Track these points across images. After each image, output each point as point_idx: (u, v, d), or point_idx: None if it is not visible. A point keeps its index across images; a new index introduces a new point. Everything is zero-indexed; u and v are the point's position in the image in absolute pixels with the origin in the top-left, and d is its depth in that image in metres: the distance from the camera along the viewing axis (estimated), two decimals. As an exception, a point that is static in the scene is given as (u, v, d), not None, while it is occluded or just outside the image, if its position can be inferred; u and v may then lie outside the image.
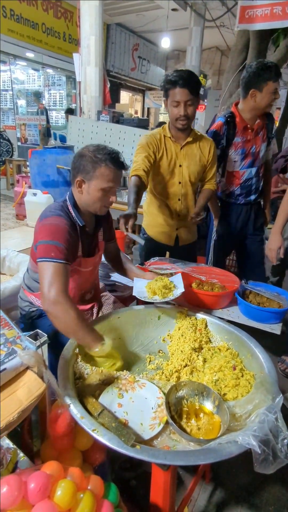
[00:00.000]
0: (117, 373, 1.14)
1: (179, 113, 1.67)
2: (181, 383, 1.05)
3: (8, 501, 0.71)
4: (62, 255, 1.18)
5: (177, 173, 1.85)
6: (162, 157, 1.82)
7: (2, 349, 0.90)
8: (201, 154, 1.84)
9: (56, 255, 1.17)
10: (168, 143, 1.82)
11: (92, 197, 1.31)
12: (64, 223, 1.26)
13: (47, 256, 1.17)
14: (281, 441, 0.82)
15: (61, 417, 0.92)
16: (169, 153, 1.82)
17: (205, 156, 1.85)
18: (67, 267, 1.20)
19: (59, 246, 1.19)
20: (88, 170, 1.27)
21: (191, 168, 1.84)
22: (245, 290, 1.54)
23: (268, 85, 1.80)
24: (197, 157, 1.83)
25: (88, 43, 5.16)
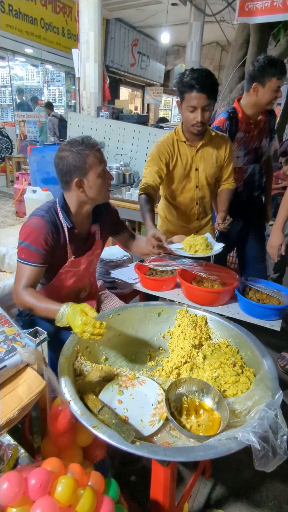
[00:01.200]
0: (118, 370, 1.14)
1: (196, 119, 1.58)
2: (181, 380, 1.05)
3: (9, 497, 0.72)
4: (33, 258, 1.25)
5: (193, 177, 1.77)
6: (176, 164, 1.73)
7: (2, 346, 0.90)
8: (217, 154, 1.76)
9: (26, 257, 1.25)
10: (182, 148, 1.73)
11: (96, 188, 1.31)
12: (43, 225, 1.27)
13: (19, 257, 1.26)
14: (280, 437, 0.82)
15: (61, 414, 0.92)
16: (183, 158, 1.74)
17: (221, 155, 1.77)
18: (37, 269, 1.26)
19: (31, 249, 1.25)
20: (81, 166, 1.27)
21: (207, 170, 1.77)
22: (245, 286, 1.54)
23: (271, 81, 1.78)
24: (213, 158, 1.76)
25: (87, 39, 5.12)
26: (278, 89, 1.82)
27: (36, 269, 1.25)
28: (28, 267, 1.24)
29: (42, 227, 1.26)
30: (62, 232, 1.33)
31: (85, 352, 1.18)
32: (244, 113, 1.96)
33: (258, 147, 2.03)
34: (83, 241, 1.44)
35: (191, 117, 1.59)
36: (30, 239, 1.25)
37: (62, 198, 1.36)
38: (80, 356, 1.13)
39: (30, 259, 1.24)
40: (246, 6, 3.16)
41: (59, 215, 1.33)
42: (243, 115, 1.96)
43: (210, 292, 1.47)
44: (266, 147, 2.07)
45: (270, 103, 1.88)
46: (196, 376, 1.12)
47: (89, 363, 1.12)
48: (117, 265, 1.94)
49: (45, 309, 1.16)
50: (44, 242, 1.26)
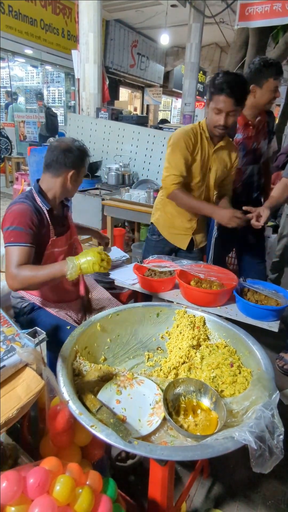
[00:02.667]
0: (116, 370, 1.15)
1: (219, 122, 1.59)
2: (179, 380, 1.05)
3: (7, 496, 0.72)
4: (22, 239, 1.28)
5: (206, 176, 1.78)
6: (197, 156, 1.72)
7: (1, 346, 0.91)
8: (228, 160, 1.79)
9: (15, 239, 1.27)
10: (205, 143, 1.72)
11: (77, 185, 1.51)
12: (27, 208, 1.35)
13: (8, 241, 1.27)
14: (277, 437, 0.83)
15: (60, 414, 0.93)
16: (203, 153, 1.72)
17: (231, 163, 1.81)
18: (27, 249, 1.28)
19: (19, 230, 1.28)
20: (81, 164, 1.46)
21: (218, 173, 1.78)
22: (243, 287, 1.55)
23: (268, 82, 1.80)
24: (225, 162, 1.79)
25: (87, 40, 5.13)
26: (276, 89, 1.83)
27: (26, 249, 1.28)
28: (18, 248, 1.26)
29: (26, 210, 1.34)
30: (43, 214, 1.42)
31: (83, 352, 1.18)
32: (243, 114, 1.97)
33: (256, 148, 2.04)
34: (61, 223, 1.56)
35: (215, 118, 1.60)
36: (17, 221, 1.30)
37: (37, 185, 1.46)
38: (79, 356, 1.14)
39: (19, 240, 1.27)
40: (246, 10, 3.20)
41: (37, 200, 1.42)
42: (242, 116, 1.97)
43: (208, 293, 1.47)
44: (265, 148, 2.08)
45: (269, 103, 1.89)
46: (194, 376, 1.13)
47: (87, 363, 1.12)
48: (115, 265, 1.95)
49: (48, 272, 1.19)
50: (30, 223, 1.32)
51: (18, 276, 1.21)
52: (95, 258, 1.16)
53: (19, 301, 1.52)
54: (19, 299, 1.52)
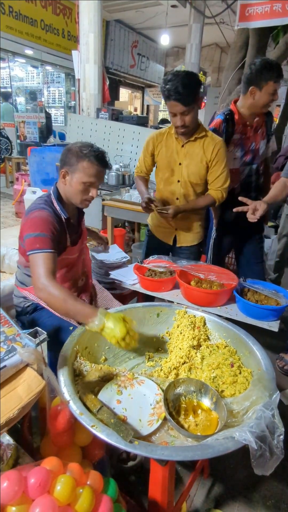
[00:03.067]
0: (117, 370, 1.15)
1: (176, 123, 1.68)
2: (179, 380, 1.06)
3: (8, 496, 0.72)
4: (47, 245, 1.25)
5: (177, 171, 1.84)
6: (160, 152, 1.85)
7: (2, 346, 0.91)
8: (203, 154, 1.78)
9: (41, 246, 1.24)
10: (170, 139, 1.83)
11: (73, 189, 1.38)
12: (48, 215, 1.33)
13: (33, 248, 1.24)
14: (277, 437, 0.83)
15: (60, 414, 0.93)
16: (168, 149, 1.83)
17: (207, 155, 1.77)
18: (52, 255, 1.25)
19: (43, 236, 1.26)
20: (72, 163, 1.35)
21: (190, 167, 1.80)
22: (243, 287, 1.55)
23: (268, 84, 1.80)
24: (198, 156, 1.78)
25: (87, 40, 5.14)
26: (275, 92, 1.83)
27: (53, 255, 1.25)
28: (46, 255, 1.22)
29: (48, 217, 1.32)
30: (61, 222, 1.39)
31: (84, 353, 1.19)
32: (241, 115, 1.97)
33: (255, 148, 2.04)
34: (75, 231, 1.52)
35: (173, 121, 1.71)
36: (40, 228, 1.27)
37: (56, 190, 1.43)
38: (80, 356, 1.14)
39: (46, 247, 1.24)
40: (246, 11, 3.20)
41: (56, 207, 1.40)
42: (240, 117, 1.97)
43: (208, 293, 1.47)
44: (264, 148, 2.08)
45: (267, 105, 1.90)
46: (195, 376, 1.13)
47: (88, 363, 1.13)
48: (116, 266, 1.95)
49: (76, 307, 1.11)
50: (53, 229, 1.31)
51: (47, 290, 1.14)
52: (120, 334, 1.05)
53: (22, 300, 1.51)
54: (22, 298, 1.52)
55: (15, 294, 1.57)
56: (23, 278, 1.50)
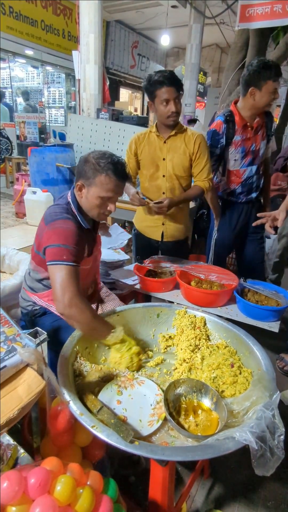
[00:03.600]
0: (117, 370, 1.15)
1: (171, 110, 1.71)
2: (179, 380, 1.06)
3: (8, 496, 0.72)
4: (73, 258, 1.19)
5: (161, 166, 1.87)
6: (143, 151, 1.89)
7: (2, 346, 0.91)
8: (185, 147, 1.84)
9: (68, 258, 1.18)
10: (152, 137, 1.88)
11: (90, 203, 1.32)
12: (73, 226, 1.27)
13: (59, 259, 1.17)
14: (277, 437, 0.83)
15: (61, 414, 0.93)
16: (151, 147, 1.87)
17: (189, 148, 1.83)
18: (78, 269, 1.21)
19: (70, 249, 1.20)
20: (89, 176, 1.28)
21: (174, 160, 1.85)
22: (243, 288, 1.55)
23: (267, 84, 1.80)
24: (181, 149, 1.84)
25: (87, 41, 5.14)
26: (275, 91, 1.83)
27: (77, 270, 1.20)
28: (72, 268, 1.17)
29: (73, 228, 1.27)
30: (82, 232, 1.34)
31: (84, 353, 1.19)
32: (241, 116, 1.97)
33: (255, 149, 2.05)
34: (94, 241, 1.49)
35: (166, 110, 1.73)
36: (66, 240, 1.22)
37: (75, 200, 1.36)
38: (80, 356, 1.14)
39: (72, 260, 1.19)
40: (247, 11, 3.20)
41: (77, 217, 1.34)
42: (240, 118, 1.97)
43: (209, 293, 1.47)
44: (264, 149, 2.08)
45: (268, 105, 1.90)
46: (195, 376, 1.13)
47: (88, 363, 1.13)
48: (116, 266, 1.95)
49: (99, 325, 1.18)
50: (77, 242, 1.25)
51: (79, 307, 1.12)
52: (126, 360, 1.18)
53: (30, 304, 1.48)
54: (30, 302, 1.49)
55: (23, 297, 1.53)
56: (34, 285, 1.47)
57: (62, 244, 1.20)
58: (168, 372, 1.20)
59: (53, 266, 1.17)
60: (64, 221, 1.27)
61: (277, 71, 1.79)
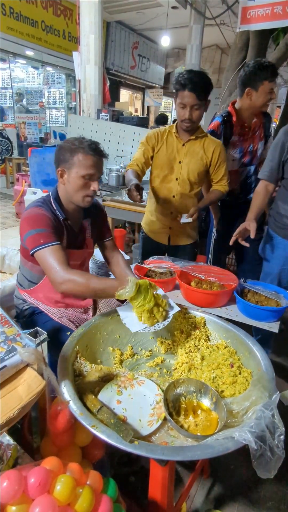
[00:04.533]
0: (117, 370, 1.15)
1: (184, 116, 1.69)
2: (179, 380, 1.06)
3: (8, 495, 0.72)
4: (51, 238, 1.22)
5: (176, 169, 1.85)
6: (161, 149, 1.85)
7: (2, 346, 0.91)
8: (203, 153, 1.82)
9: (45, 241, 1.21)
10: (171, 138, 1.84)
11: (73, 186, 1.32)
12: (44, 212, 1.31)
13: (38, 245, 1.21)
14: (277, 437, 0.83)
15: (60, 414, 0.93)
16: (169, 147, 1.84)
17: (208, 156, 1.82)
18: (60, 247, 1.23)
19: (45, 231, 1.24)
20: (67, 159, 1.30)
21: (190, 166, 1.83)
22: (243, 288, 1.55)
23: (264, 84, 1.81)
24: (198, 155, 1.82)
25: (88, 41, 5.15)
26: (271, 91, 1.84)
27: (60, 247, 1.22)
28: (53, 248, 1.20)
29: (44, 213, 1.30)
30: (59, 222, 1.36)
31: (84, 353, 1.19)
32: (239, 116, 1.98)
33: (253, 149, 2.05)
34: (75, 235, 1.47)
35: (181, 113, 1.71)
36: (39, 224, 1.25)
37: (55, 190, 1.40)
38: (80, 356, 1.14)
39: (50, 240, 1.22)
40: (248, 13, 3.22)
41: (53, 206, 1.37)
42: (238, 118, 1.98)
43: (208, 294, 1.47)
44: (262, 149, 2.09)
45: (265, 105, 1.91)
46: (194, 376, 1.13)
47: (88, 363, 1.13)
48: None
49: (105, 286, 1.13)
50: (51, 224, 1.28)
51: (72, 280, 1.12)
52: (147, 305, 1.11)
53: (21, 302, 1.51)
54: (21, 300, 1.51)
55: (15, 295, 1.56)
56: (22, 280, 1.49)
57: (35, 229, 1.24)
58: (168, 372, 1.21)
59: (37, 253, 1.21)
60: (35, 208, 1.31)
61: (273, 72, 1.80)
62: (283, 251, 1.79)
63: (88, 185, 1.33)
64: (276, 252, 1.82)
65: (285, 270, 1.83)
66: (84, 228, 1.52)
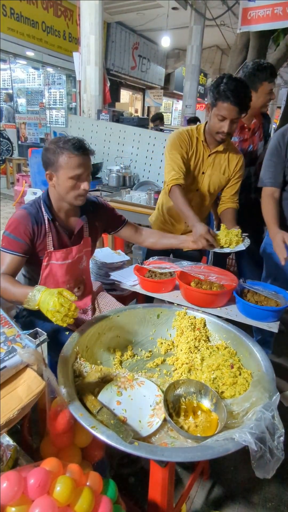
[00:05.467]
0: (117, 371, 1.15)
1: (222, 129, 1.58)
2: (179, 381, 1.06)
3: (8, 496, 0.72)
4: (12, 247, 1.30)
5: (198, 179, 1.77)
6: (191, 156, 1.73)
7: (2, 347, 0.91)
8: (226, 166, 1.75)
9: (5, 246, 1.30)
10: (200, 147, 1.73)
11: (63, 188, 1.32)
12: (24, 216, 1.34)
13: (2, 247, 1.30)
14: (277, 438, 0.83)
15: (60, 415, 0.93)
16: (197, 156, 1.73)
17: (230, 169, 1.76)
18: (15, 258, 1.30)
19: (12, 238, 1.31)
20: (53, 161, 1.29)
21: (213, 178, 1.76)
22: (243, 288, 1.55)
23: (263, 85, 1.81)
24: (222, 168, 1.75)
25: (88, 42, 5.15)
26: (271, 91, 1.84)
27: (15, 258, 1.30)
28: (7, 255, 1.29)
29: (24, 218, 1.33)
30: (43, 224, 1.37)
31: (84, 353, 1.19)
32: None
33: (253, 150, 2.05)
34: (66, 235, 1.45)
35: (218, 125, 1.58)
36: (12, 229, 1.32)
37: (46, 192, 1.42)
38: (79, 357, 1.14)
39: (10, 248, 1.30)
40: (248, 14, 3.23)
41: (41, 208, 1.38)
42: None
43: (208, 294, 1.47)
44: (262, 150, 2.09)
45: (265, 106, 1.91)
46: (194, 377, 1.13)
47: (88, 364, 1.13)
48: (116, 267, 1.95)
49: (19, 292, 1.17)
50: (23, 232, 1.32)
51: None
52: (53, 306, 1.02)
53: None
54: None
55: None
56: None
57: (6, 231, 1.32)
58: (168, 373, 1.20)
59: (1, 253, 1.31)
60: (21, 210, 1.36)
61: (272, 72, 1.80)
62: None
63: (77, 185, 1.32)
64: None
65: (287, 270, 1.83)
66: (79, 229, 1.48)
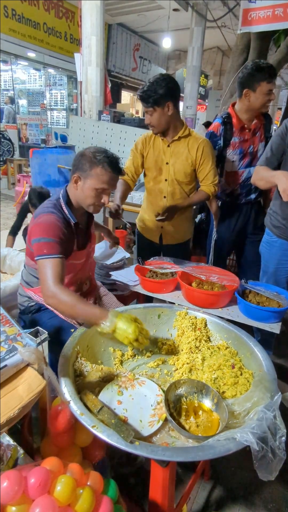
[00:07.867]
0: (117, 371, 1.15)
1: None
2: (180, 381, 1.05)
3: (8, 495, 0.72)
4: (54, 250, 1.24)
5: (164, 170, 1.88)
6: (149, 154, 1.90)
7: (3, 346, 0.91)
8: (188, 153, 1.82)
9: (48, 251, 1.23)
10: (157, 141, 1.88)
11: (85, 195, 1.36)
12: (55, 219, 1.31)
13: (41, 254, 1.23)
14: (279, 438, 0.83)
15: (61, 414, 0.93)
16: (156, 150, 1.88)
17: (192, 154, 1.82)
18: (60, 261, 1.24)
19: (51, 242, 1.25)
20: (86, 169, 1.33)
21: (176, 166, 1.85)
22: (244, 289, 1.55)
23: (261, 85, 1.81)
24: (183, 155, 1.83)
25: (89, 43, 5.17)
26: (270, 92, 1.84)
27: (61, 261, 1.24)
28: (53, 261, 1.21)
29: (55, 221, 1.31)
30: (70, 227, 1.38)
31: (85, 353, 1.18)
32: (239, 118, 1.99)
33: (253, 150, 2.06)
34: (84, 235, 1.51)
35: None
36: (48, 233, 1.26)
37: (66, 194, 1.41)
38: (80, 356, 1.14)
39: (53, 252, 1.23)
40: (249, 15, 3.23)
41: (65, 211, 1.38)
42: (238, 120, 1.99)
43: (210, 294, 1.47)
44: (262, 150, 2.08)
45: (264, 106, 1.91)
46: (195, 377, 1.13)
47: (89, 363, 1.12)
48: (117, 267, 1.95)
49: (87, 311, 1.12)
50: (60, 234, 1.29)
51: (57, 297, 1.14)
52: (133, 335, 1.07)
53: (27, 299, 1.51)
54: (26, 297, 1.51)
55: (19, 293, 1.56)
56: (29, 279, 1.50)
57: (44, 237, 1.25)
58: (169, 373, 1.20)
59: (39, 261, 1.23)
60: (47, 215, 1.32)
61: (271, 73, 1.80)
62: (279, 249, 1.79)
63: (99, 197, 1.37)
64: (272, 251, 1.82)
65: (281, 269, 1.82)
66: (90, 226, 1.57)
